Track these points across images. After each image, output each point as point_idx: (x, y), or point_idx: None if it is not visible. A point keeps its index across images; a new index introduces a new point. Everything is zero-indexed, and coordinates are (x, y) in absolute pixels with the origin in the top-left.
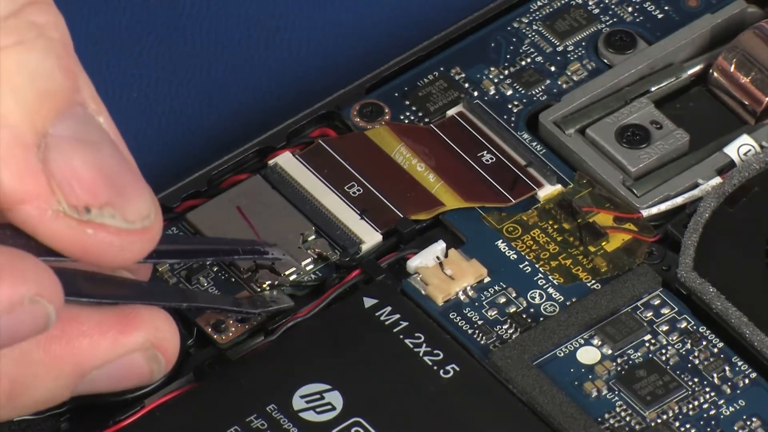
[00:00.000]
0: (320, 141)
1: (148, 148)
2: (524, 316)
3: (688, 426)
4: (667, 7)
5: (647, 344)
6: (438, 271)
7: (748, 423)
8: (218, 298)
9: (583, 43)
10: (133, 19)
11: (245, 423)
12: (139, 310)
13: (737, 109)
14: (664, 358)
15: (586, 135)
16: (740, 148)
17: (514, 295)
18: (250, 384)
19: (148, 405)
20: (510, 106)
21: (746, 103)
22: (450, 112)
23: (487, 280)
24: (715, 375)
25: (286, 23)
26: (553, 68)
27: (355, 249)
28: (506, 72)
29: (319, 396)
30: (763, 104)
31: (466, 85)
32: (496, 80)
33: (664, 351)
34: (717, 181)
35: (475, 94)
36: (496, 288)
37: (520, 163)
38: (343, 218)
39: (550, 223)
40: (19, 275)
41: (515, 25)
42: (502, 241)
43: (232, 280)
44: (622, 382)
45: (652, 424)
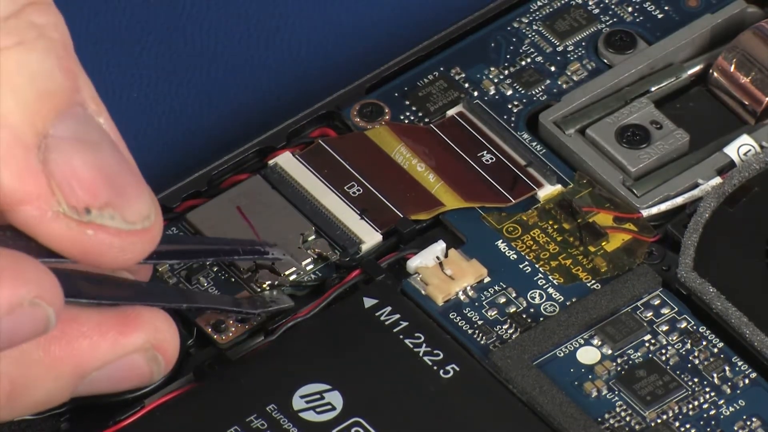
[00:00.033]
0: (320, 141)
1: (148, 148)
2: (524, 316)
3: (688, 426)
4: (667, 7)
5: (647, 344)
6: (438, 271)
7: (748, 423)
8: (218, 299)
9: (583, 43)
10: (133, 19)
11: (245, 423)
12: (139, 311)
13: (737, 109)
14: (664, 358)
15: (586, 135)
16: (740, 148)
17: (514, 295)
18: (250, 384)
19: (148, 405)
20: (510, 106)
21: (746, 103)
22: (450, 112)
23: (487, 280)
24: (715, 375)
25: (286, 23)
26: (553, 68)
27: (355, 249)
28: (506, 72)
29: (319, 396)
30: (763, 104)
31: (466, 85)
32: (496, 80)
33: (664, 351)
34: (717, 181)
35: (475, 94)
36: (496, 288)
37: (520, 163)
38: (343, 218)
39: (550, 223)
40: (20, 277)
41: (515, 25)
42: (502, 241)
43: (232, 280)
44: (622, 382)
45: (652, 424)
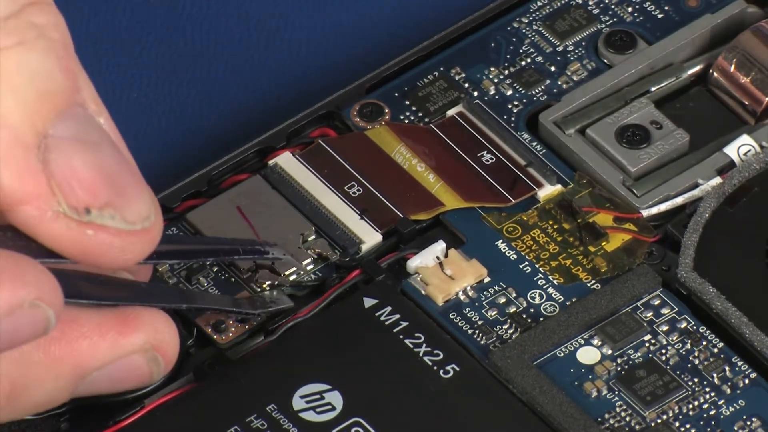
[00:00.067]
0: (320, 141)
1: (148, 148)
2: (524, 316)
3: (688, 426)
4: (667, 7)
5: (647, 344)
6: (438, 271)
7: (748, 423)
8: (218, 299)
9: (583, 43)
10: (133, 19)
11: (245, 423)
12: (138, 312)
13: (737, 109)
14: (664, 358)
15: (586, 135)
16: (740, 148)
17: (514, 295)
18: (250, 384)
19: (148, 405)
20: (510, 106)
21: (746, 103)
22: (450, 112)
23: (487, 280)
24: (715, 375)
25: (286, 23)
26: (553, 68)
27: (355, 249)
28: (506, 72)
29: (319, 396)
30: (763, 104)
31: (466, 85)
32: (496, 80)
33: (664, 351)
34: (717, 181)
35: (475, 94)
36: (496, 288)
37: (520, 163)
38: (343, 218)
39: (550, 223)
40: (19, 279)
41: (515, 25)
42: (502, 241)
43: (232, 280)
44: (622, 382)
45: (652, 424)
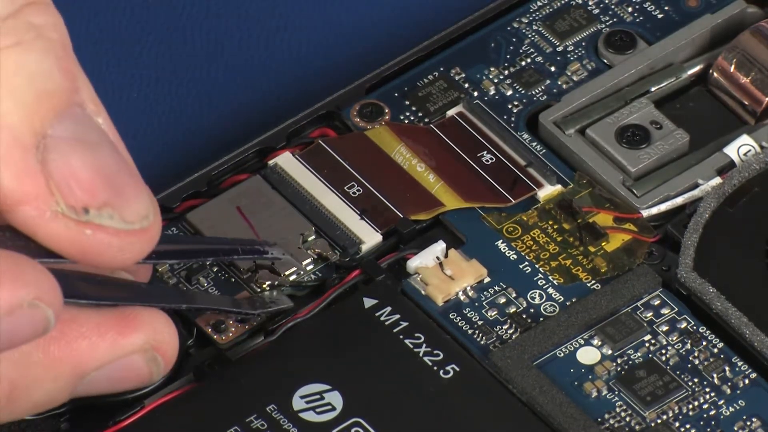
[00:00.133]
0: (320, 141)
1: (148, 148)
2: (524, 317)
3: (688, 426)
4: (667, 7)
5: (647, 344)
6: (438, 272)
7: (748, 423)
8: (218, 299)
9: (583, 43)
10: (133, 19)
11: (245, 423)
12: (138, 312)
13: (737, 109)
14: (664, 359)
15: (586, 135)
16: (740, 148)
17: (514, 295)
18: (250, 384)
19: (148, 405)
20: (510, 106)
21: (746, 103)
22: (450, 113)
23: (487, 280)
24: (715, 375)
25: (286, 23)
26: (553, 68)
27: (355, 249)
28: (506, 72)
29: (319, 396)
30: (763, 104)
31: (466, 85)
32: (496, 80)
33: (664, 351)
34: (717, 181)
35: (475, 94)
36: (496, 288)
37: (520, 163)
38: (343, 218)
39: (550, 223)
40: (19, 279)
41: (515, 25)
42: (502, 241)
43: (232, 280)
44: (622, 382)
45: (652, 425)
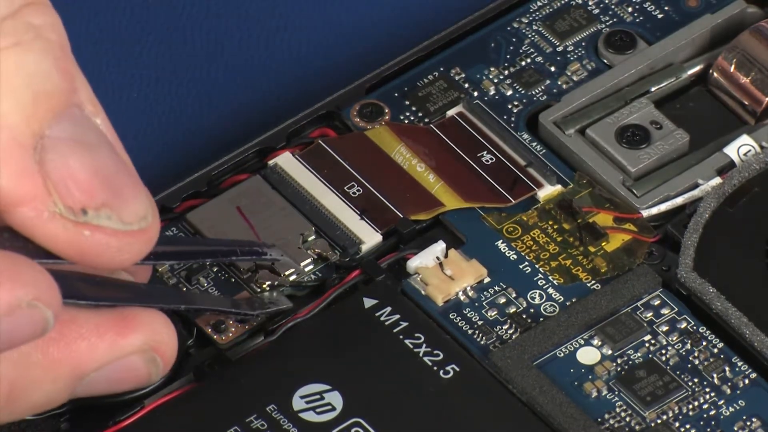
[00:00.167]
0: (320, 141)
1: (148, 148)
2: (524, 317)
3: (688, 426)
4: (667, 7)
5: (647, 344)
6: (438, 272)
7: (748, 423)
8: (217, 300)
9: (583, 43)
10: (133, 19)
11: (245, 423)
12: (137, 313)
13: (737, 109)
14: (664, 359)
15: (586, 135)
16: (740, 148)
17: (514, 295)
18: (250, 384)
19: (148, 405)
20: (510, 106)
21: (746, 103)
22: (450, 113)
23: (487, 280)
24: (715, 375)
25: (286, 23)
26: (553, 68)
27: (355, 249)
28: (506, 72)
29: (319, 396)
30: (763, 104)
31: (466, 85)
32: (496, 80)
33: (664, 351)
34: (717, 181)
35: (475, 94)
36: (496, 288)
37: (520, 163)
38: (343, 218)
39: (550, 223)
40: (17, 279)
41: (515, 25)
42: (502, 241)
43: (232, 280)
44: (622, 382)
45: (652, 425)
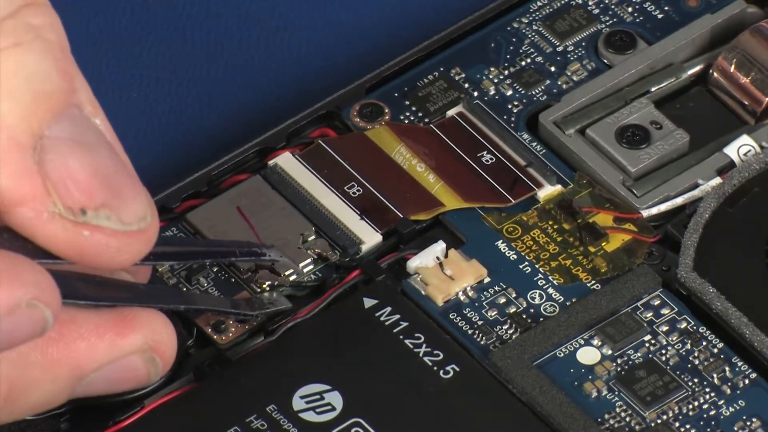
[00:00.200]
0: (320, 141)
1: (148, 148)
2: (524, 317)
3: (688, 426)
4: (667, 7)
5: (647, 344)
6: (438, 272)
7: (748, 423)
8: (216, 300)
9: (583, 43)
10: (133, 19)
11: (245, 423)
12: (136, 313)
13: (737, 109)
14: (664, 359)
15: (586, 135)
16: (740, 148)
17: (514, 295)
18: (250, 384)
19: (148, 405)
20: (510, 106)
21: (746, 103)
22: (450, 113)
23: (487, 280)
24: (715, 375)
25: (286, 23)
26: (553, 68)
27: (355, 249)
28: (506, 72)
29: (319, 396)
30: (763, 104)
31: (466, 85)
32: (496, 80)
33: (664, 351)
34: (717, 181)
35: (475, 94)
36: (496, 288)
37: (520, 163)
38: (343, 218)
39: (550, 223)
40: (17, 279)
41: (515, 25)
42: (502, 241)
43: (232, 280)
44: (622, 382)
45: (652, 425)
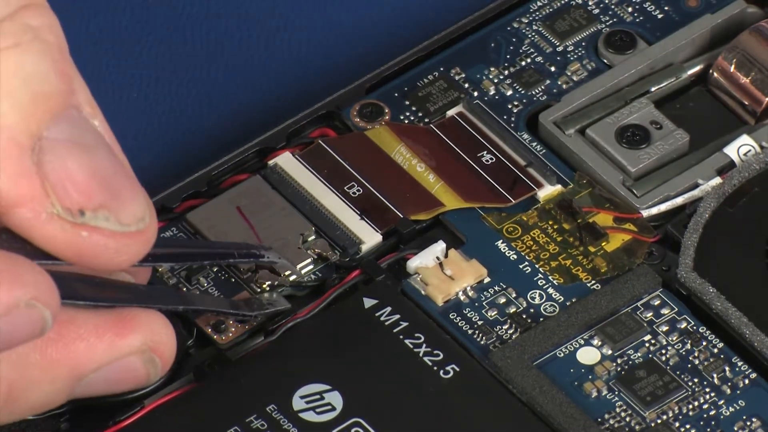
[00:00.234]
0: (320, 141)
1: (148, 148)
2: (524, 317)
3: (688, 426)
4: (667, 7)
5: (647, 344)
6: (438, 272)
7: (748, 423)
8: (215, 301)
9: (583, 43)
10: (133, 19)
11: (245, 423)
12: (135, 313)
13: (737, 109)
14: (664, 359)
15: (586, 135)
16: (740, 148)
17: (514, 295)
18: (250, 384)
19: (148, 405)
20: (510, 106)
21: (746, 103)
22: (450, 113)
23: (487, 280)
24: (715, 375)
25: (286, 23)
26: (553, 68)
27: (355, 249)
28: (506, 72)
29: (319, 396)
30: (763, 104)
31: (466, 85)
32: (496, 80)
33: (664, 351)
34: (717, 181)
35: (475, 94)
36: (496, 288)
37: (520, 163)
38: (343, 218)
39: (550, 223)
40: (16, 279)
41: (515, 25)
42: (502, 241)
43: (232, 280)
44: (622, 382)
45: (652, 425)
